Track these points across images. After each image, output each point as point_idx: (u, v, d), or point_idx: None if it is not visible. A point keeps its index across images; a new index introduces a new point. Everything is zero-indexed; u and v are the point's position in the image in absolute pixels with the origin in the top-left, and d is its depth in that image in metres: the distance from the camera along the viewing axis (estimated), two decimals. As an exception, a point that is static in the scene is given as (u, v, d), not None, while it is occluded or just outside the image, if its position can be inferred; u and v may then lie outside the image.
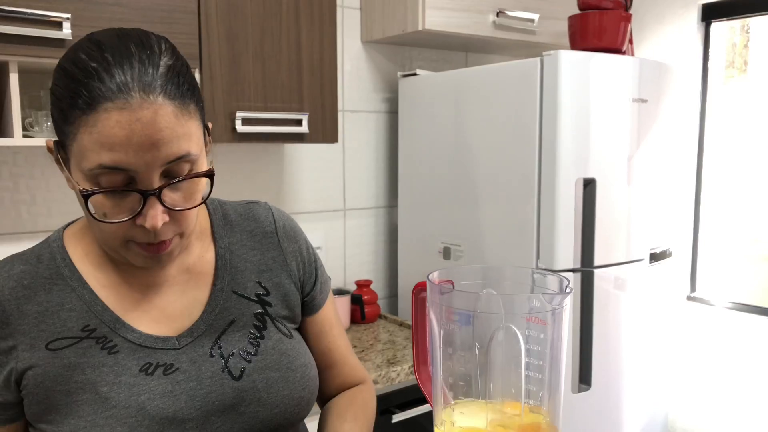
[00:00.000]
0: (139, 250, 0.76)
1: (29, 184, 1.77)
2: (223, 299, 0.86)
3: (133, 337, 0.80)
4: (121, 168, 0.69)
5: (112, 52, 0.70)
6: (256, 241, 0.92)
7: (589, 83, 1.80)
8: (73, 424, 0.75)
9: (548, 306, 0.69)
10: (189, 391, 0.79)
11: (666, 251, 2.12)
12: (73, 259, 0.82)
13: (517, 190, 1.88)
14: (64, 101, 0.70)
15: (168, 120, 0.70)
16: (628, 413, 2.05)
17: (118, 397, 0.76)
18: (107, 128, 0.68)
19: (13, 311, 0.77)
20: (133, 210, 0.73)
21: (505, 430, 0.68)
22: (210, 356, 0.82)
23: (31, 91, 1.65)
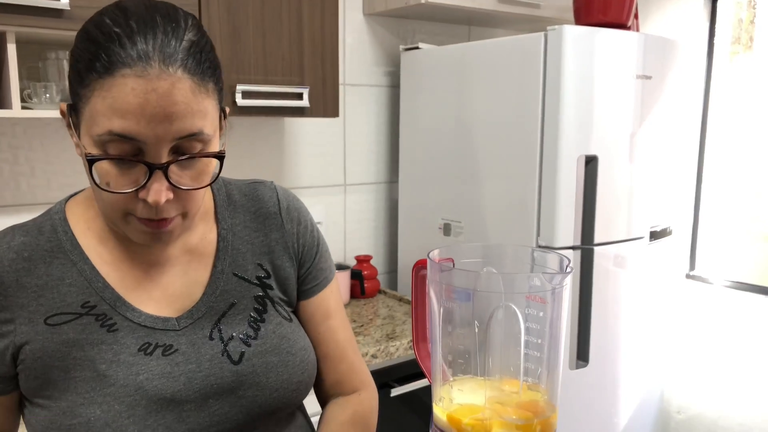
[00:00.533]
0: (138, 225, 0.74)
1: (28, 156, 1.76)
2: (224, 281, 0.85)
3: (133, 316, 0.79)
4: (130, 137, 0.67)
5: (137, 19, 0.69)
6: (260, 222, 0.90)
7: (593, 59, 1.79)
8: (70, 400, 0.75)
9: (548, 285, 0.69)
10: (188, 373, 0.79)
11: (666, 229, 2.12)
12: (74, 233, 0.80)
13: (518, 167, 1.88)
14: (82, 63, 0.69)
15: (184, 94, 0.69)
16: (624, 390, 2.06)
17: (116, 375, 0.76)
18: (122, 94, 0.66)
19: (12, 283, 0.76)
20: (137, 182, 0.71)
21: (503, 408, 0.69)
22: (210, 339, 0.82)
23: (30, 62, 1.63)
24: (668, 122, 2.04)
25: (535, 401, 0.70)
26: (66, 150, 1.81)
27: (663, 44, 1.99)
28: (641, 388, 2.13)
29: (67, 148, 1.81)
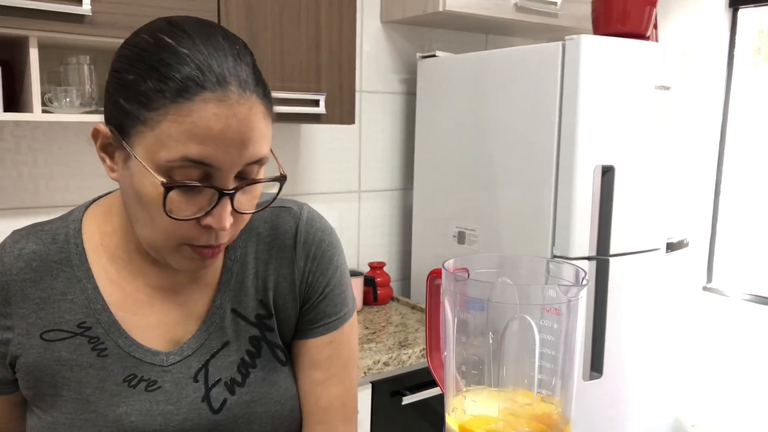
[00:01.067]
0: (190, 254, 0.72)
1: (47, 159, 1.78)
2: (220, 317, 0.80)
3: (125, 344, 0.77)
4: (206, 163, 0.65)
5: (202, 40, 0.66)
6: (272, 254, 0.83)
7: (612, 69, 1.78)
8: (55, 416, 0.75)
9: (563, 297, 0.69)
10: (166, 413, 0.76)
11: (683, 241, 2.10)
12: (86, 247, 0.78)
13: (534, 176, 1.87)
14: (147, 84, 0.64)
15: (259, 119, 0.67)
16: (639, 402, 2.04)
17: (98, 402, 0.75)
18: (203, 120, 0.63)
19: (17, 293, 0.76)
20: (201, 209, 0.68)
21: (516, 419, 0.68)
22: (194, 381, 0.78)
23: (51, 66, 1.65)
24: (687, 133, 2.03)
25: (549, 413, 0.70)
26: (84, 153, 1.83)
27: (683, 55, 1.97)
28: (656, 401, 2.10)
29: (84, 151, 1.83)
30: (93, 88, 1.67)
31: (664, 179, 1.96)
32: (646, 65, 1.85)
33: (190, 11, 1.60)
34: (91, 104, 1.66)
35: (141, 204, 0.69)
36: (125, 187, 0.71)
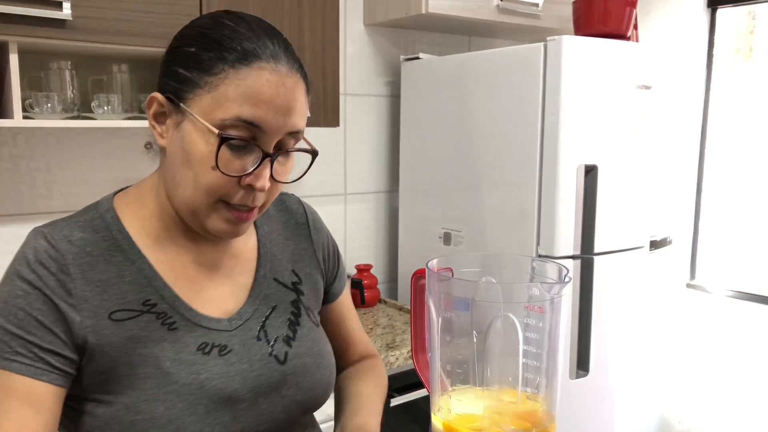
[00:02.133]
0: (226, 213, 0.78)
1: (29, 166, 1.76)
2: (266, 286, 0.90)
3: (191, 315, 0.82)
4: (256, 124, 0.73)
5: (257, 26, 0.77)
6: (290, 231, 0.96)
7: (593, 69, 1.79)
8: (134, 396, 0.76)
9: (547, 295, 0.69)
10: (242, 372, 0.82)
11: (666, 239, 2.12)
12: (129, 231, 0.82)
13: (518, 176, 1.88)
14: (206, 55, 0.74)
15: (301, 93, 0.77)
16: (625, 399, 2.06)
17: (179, 373, 0.78)
18: (257, 84, 0.73)
19: (78, 276, 0.77)
20: (244, 169, 0.75)
21: (501, 418, 0.69)
22: (257, 340, 0.85)
23: (31, 72, 1.64)
24: (668, 132, 2.05)
25: (534, 411, 0.70)
26: (67, 159, 1.81)
27: (663, 54, 2.00)
28: (642, 398, 2.12)
29: (68, 157, 1.82)
30: (75, 93, 1.66)
31: (646, 178, 1.98)
32: (627, 65, 1.87)
33: (171, 15, 1.59)
34: (73, 110, 1.64)
35: (188, 163, 0.76)
36: (173, 150, 0.78)
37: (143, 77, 1.87)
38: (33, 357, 0.74)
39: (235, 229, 0.80)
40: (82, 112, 1.67)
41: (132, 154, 1.91)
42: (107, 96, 1.66)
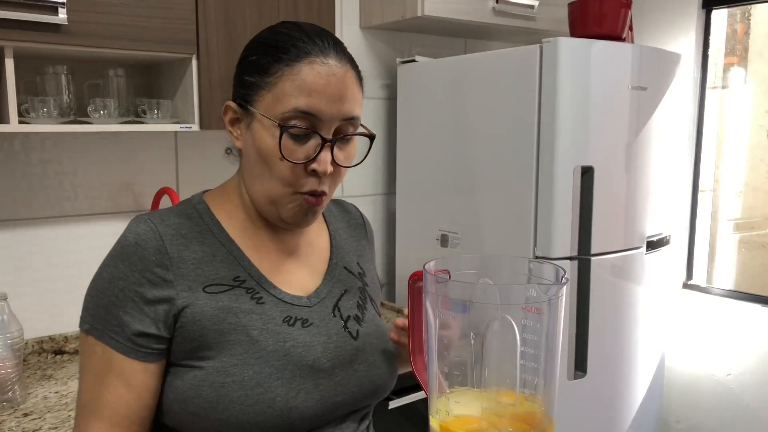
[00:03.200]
0: (300, 202, 0.87)
1: (25, 171, 1.76)
2: (338, 272, 0.99)
3: (276, 292, 0.90)
4: (311, 113, 0.82)
5: (309, 29, 0.87)
6: (352, 230, 1.07)
7: (589, 71, 1.80)
8: (224, 360, 0.83)
9: (544, 296, 0.70)
10: (322, 343, 0.90)
11: (663, 239, 2.12)
12: (219, 219, 0.92)
13: (515, 178, 1.88)
14: (265, 60, 0.85)
15: (352, 82, 0.86)
16: (623, 400, 2.06)
17: (266, 341, 0.85)
18: (309, 76, 0.82)
19: (174, 255, 0.85)
20: (307, 156, 0.84)
21: (499, 419, 0.69)
22: (333, 316, 0.94)
23: (27, 76, 1.64)
24: (664, 132, 2.05)
25: (532, 413, 0.70)
26: (62, 164, 1.81)
27: (658, 55, 2.00)
28: (640, 398, 2.12)
29: (63, 162, 1.81)
30: (71, 97, 1.66)
31: (642, 178, 1.99)
32: (622, 66, 1.87)
33: (168, 19, 1.60)
34: (69, 114, 1.64)
35: (261, 159, 0.85)
36: (248, 150, 0.88)
37: (139, 81, 1.87)
38: (126, 337, 0.83)
39: (308, 216, 0.89)
40: (79, 117, 1.67)
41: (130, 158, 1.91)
42: (103, 100, 1.66)
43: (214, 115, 1.71)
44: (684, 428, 2.52)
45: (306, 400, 0.85)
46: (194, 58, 1.67)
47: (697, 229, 2.58)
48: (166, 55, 1.67)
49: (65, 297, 1.84)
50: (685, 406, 2.51)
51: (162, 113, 1.73)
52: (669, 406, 2.55)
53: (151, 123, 1.71)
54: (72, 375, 1.69)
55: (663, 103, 2.02)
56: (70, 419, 1.43)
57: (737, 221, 2.71)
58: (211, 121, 1.71)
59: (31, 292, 1.79)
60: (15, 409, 1.48)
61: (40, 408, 1.49)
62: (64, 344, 1.83)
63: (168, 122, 1.74)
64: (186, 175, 2.02)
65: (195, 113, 1.70)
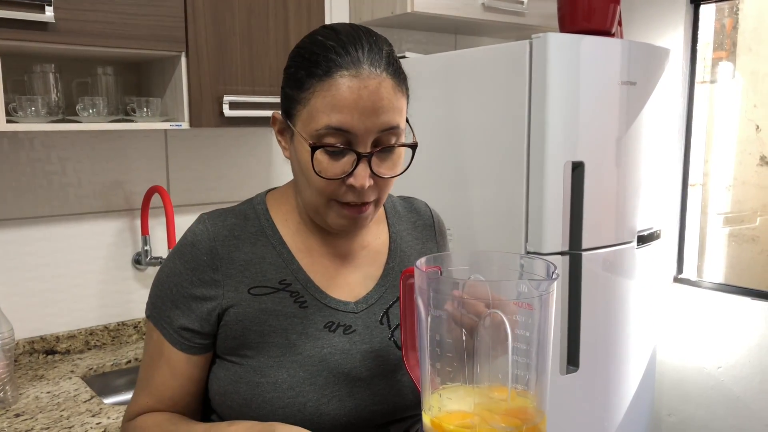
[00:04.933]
0: (340, 210, 0.86)
1: (13, 170, 1.75)
2: (393, 277, 0.96)
3: (321, 297, 0.90)
4: (344, 130, 0.80)
5: (345, 35, 0.83)
6: (418, 231, 1.04)
7: (578, 66, 1.80)
8: (262, 361, 0.85)
9: (535, 291, 0.70)
10: (362, 352, 0.89)
11: (654, 233, 2.13)
12: (274, 221, 0.93)
13: (505, 174, 1.88)
14: (301, 72, 0.83)
15: (388, 92, 0.82)
16: (615, 393, 2.07)
17: (304, 346, 0.86)
18: (340, 92, 0.79)
19: (225, 256, 0.88)
20: (344, 171, 0.82)
21: (491, 415, 0.69)
22: (380, 324, 0.92)
23: (15, 75, 1.63)
24: (653, 127, 2.06)
25: (524, 408, 0.71)
26: (52, 163, 1.80)
27: (647, 50, 2.01)
28: (632, 392, 2.14)
29: (53, 161, 1.80)
30: (59, 96, 1.65)
31: (633, 173, 1.99)
32: (611, 61, 1.88)
33: (156, 17, 1.59)
34: (58, 113, 1.63)
35: (302, 170, 0.86)
36: (293, 161, 0.88)
37: (128, 79, 1.86)
38: (174, 329, 0.88)
39: (353, 223, 0.88)
40: (67, 116, 1.66)
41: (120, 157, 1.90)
42: (92, 99, 1.65)
43: (204, 113, 1.70)
44: (676, 421, 2.54)
45: (339, 407, 0.85)
46: (183, 56, 1.66)
47: (687, 223, 2.59)
48: (155, 53, 1.66)
49: (56, 297, 1.83)
50: (677, 399, 2.53)
51: (151, 111, 1.72)
52: (661, 400, 2.57)
53: (140, 121, 1.70)
54: (63, 375, 1.68)
55: (652, 98, 2.03)
56: (62, 419, 1.42)
57: (727, 215, 2.72)
58: (201, 119, 1.70)
59: (21, 292, 1.78)
60: (6, 410, 1.47)
61: (32, 408, 1.48)
62: (55, 344, 1.82)
63: (157, 120, 1.73)
64: (176, 173, 2.01)
65: (185, 111, 1.69)
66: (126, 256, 1.95)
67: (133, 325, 1.96)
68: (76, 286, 1.87)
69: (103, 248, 1.91)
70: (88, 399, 1.54)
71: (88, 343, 1.88)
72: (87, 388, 1.60)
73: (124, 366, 1.81)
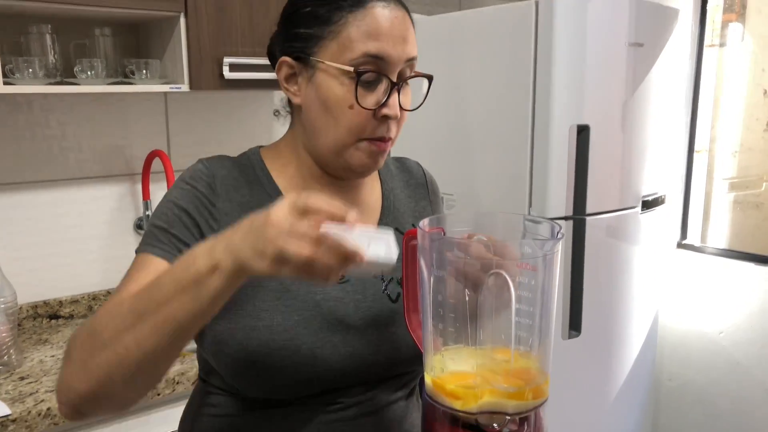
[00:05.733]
0: (368, 146, 0.86)
1: (12, 135, 1.73)
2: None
3: None
4: (380, 56, 0.82)
5: None
6: (411, 190, 1.04)
7: (585, 27, 1.76)
8: (257, 305, 0.84)
9: (539, 252, 0.69)
10: (355, 301, 0.89)
11: (658, 198, 2.12)
12: (270, 171, 0.93)
13: (510, 138, 1.86)
14: (323, 9, 0.84)
15: (409, 23, 0.87)
16: (616, 358, 2.08)
17: (298, 290, 0.86)
18: (375, 20, 0.82)
19: (222, 194, 0.87)
20: (378, 101, 0.84)
21: (493, 375, 0.69)
22: (373, 277, 0.92)
23: (11, 36, 1.60)
24: (660, 91, 2.03)
25: (527, 369, 0.70)
26: (50, 126, 1.78)
27: (655, 11, 1.97)
28: (633, 357, 2.15)
29: (51, 124, 1.78)
30: (56, 58, 1.62)
31: (638, 137, 1.97)
32: (619, 22, 1.84)
33: (153, -24, 1.55)
34: (56, 75, 1.61)
35: (327, 110, 0.85)
36: (310, 103, 0.87)
37: (126, 41, 1.83)
38: (169, 244, 0.84)
39: (376, 161, 0.89)
40: (66, 77, 1.64)
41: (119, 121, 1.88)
42: (90, 60, 1.62)
43: (203, 76, 1.68)
44: (676, 386, 2.56)
45: (333, 353, 0.85)
46: (182, 16, 1.63)
47: (693, 188, 2.57)
48: (154, 13, 1.63)
49: (59, 261, 1.83)
50: (678, 364, 2.55)
51: (151, 74, 1.70)
52: (662, 364, 2.58)
53: (139, 83, 1.68)
54: (67, 339, 1.69)
55: (660, 61, 1.99)
56: (67, 382, 1.43)
57: (732, 180, 2.70)
58: (201, 82, 1.68)
59: (23, 256, 1.78)
60: (11, 373, 1.48)
61: (36, 372, 1.49)
62: (58, 309, 1.83)
63: (157, 82, 1.70)
64: (177, 137, 1.99)
65: (184, 73, 1.67)
66: (128, 221, 1.95)
67: (136, 289, 1.96)
68: (78, 251, 1.87)
69: (104, 213, 1.90)
70: (92, 362, 1.55)
71: (91, 308, 1.88)
72: (91, 351, 1.61)
73: (127, 330, 1.82)
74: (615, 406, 2.11)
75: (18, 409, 1.31)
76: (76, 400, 0.73)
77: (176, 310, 0.68)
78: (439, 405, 0.69)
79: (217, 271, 0.67)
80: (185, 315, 0.68)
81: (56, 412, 1.33)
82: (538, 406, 0.69)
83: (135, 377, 0.72)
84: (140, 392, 0.76)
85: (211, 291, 0.67)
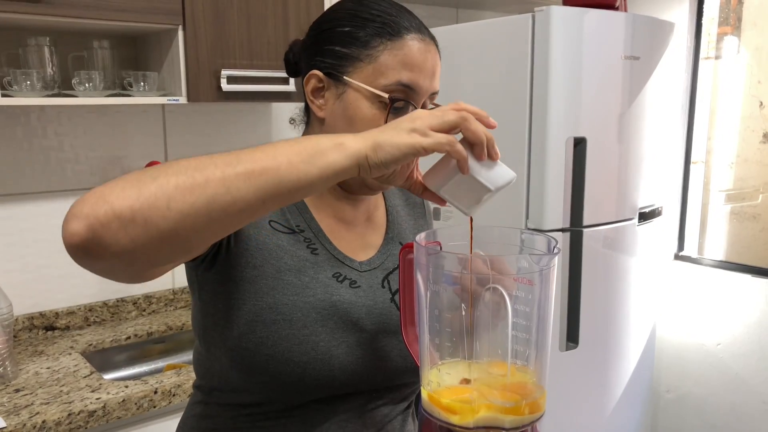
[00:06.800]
0: None
1: (9, 145, 1.73)
2: (392, 247, 0.99)
3: (330, 248, 0.92)
4: (411, 86, 0.86)
5: (391, 3, 0.90)
6: (410, 208, 1.08)
7: (581, 40, 1.77)
8: (277, 298, 0.86)
9: (535, 267, 0.69)
10: (367, 307, 0.91)
11: (655, 210, 2.12)
12: None
13: (507, 149, 1.86)
14: (362, 32, 0.87)
15: (438, 61, 0.91)
16: (614, 370, 2.08)
17: (316, 289, 0.88)
18: (411, 52, 0.86)
19: None
20: None
21: (489, 390, 0.68)
22: (382, 287, 0.94)
23: (9, 48, 1.60)
24: (656, 103, 2.04)
25: (523, 383, 0.70)
26: (47, 137, 1.78)
27: (651, 25, 1.98)
28: (631, 369, 2.14)
29: (48, 135, 1.79)
30: (54, 70, 1.63)
31: (635, 149, 1.98)
32: (615, 36, 1.85)
33: (152, -11, 1.56)
34: (54, 87, 1.61)
35: (353, 128, 0.86)
36: (335, 118, 0.89)
37: (124, 53, 1.83)
38: None
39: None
40: (64, 89, 1.64)
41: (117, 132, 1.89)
42: (88, 72, 1.63)
43: (201, 88, 1.68)
44: (674, 398, 2.55)
45: (347, 353, 0.87)
46: (180, 29, 1.64)
47: (689, 200, 2.58)
48: (152, 26, 1.63)
49: (55, 273, 1.83)
50: (676, 376, 2.54)
51: (148, 86, 1.70)
52: (660, 376, 2.58)
53: (137, 96, 1.68)
54: (63, 351, 1.69)
55: (656, 73, 2.01)
56: (62, 394, 1.42)
57: (729, 192, 2.71)
58: (198, 94, 1.68)
59: (20, 268, 1.77)
60: (6, 385, 1.47)
61: (31, 384, 1.48)
62: (54, 320, 1.82)
63: (155, 95, 1.71)
64: (175, 149, 2.00)
65: (182, 86, 1.67)
66: (125, 232, 1.94)
67: (133, 301, 1.96)
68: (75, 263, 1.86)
69: (101, 224, 1.90)
70: (87, 374, 1.54)
71: (88, 320, 1.88)
72: (87, 363, 1.61)
73: (123, 342, 1.81)
74: (613, 418, 2.11)
75: (13, 421, 1.30)
76: (101, 216, 0.63)
77: (281, 164, 0.66)
78: (435, 419, 0.69)
79: (342, 146, 0.68)
80: (288, 174, 0.66)
81: (51, 425, 1.32)
82: (535, 420, 0.69)
83: (192, 219, 0.64)
84: (173, 251, 0.67)
85: (327, 162, 0.67)
